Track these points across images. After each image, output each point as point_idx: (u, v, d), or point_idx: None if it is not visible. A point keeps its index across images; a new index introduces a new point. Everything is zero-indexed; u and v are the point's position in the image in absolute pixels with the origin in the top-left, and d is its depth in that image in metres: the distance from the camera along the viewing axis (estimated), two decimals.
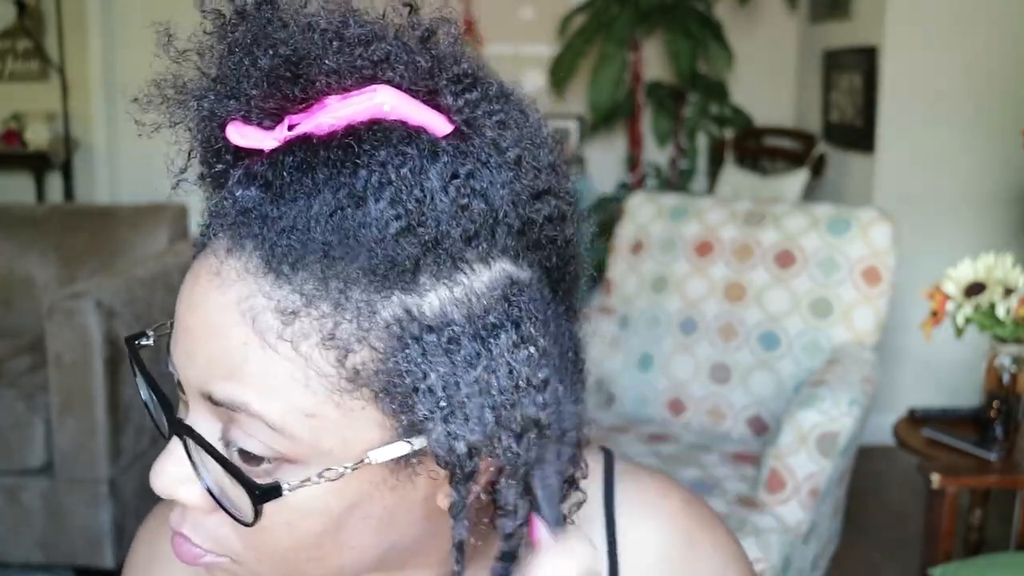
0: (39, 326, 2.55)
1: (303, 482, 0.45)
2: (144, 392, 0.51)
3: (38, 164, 4.34)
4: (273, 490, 0.45)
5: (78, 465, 2.35)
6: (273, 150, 0.46)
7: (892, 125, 3.32)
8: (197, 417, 0.47)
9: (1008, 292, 1.95)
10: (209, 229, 0.47)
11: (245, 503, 0.45)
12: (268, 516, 0.46)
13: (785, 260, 2.44)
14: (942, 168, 3.32)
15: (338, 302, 0.44)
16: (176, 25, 0.48)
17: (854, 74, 3.52)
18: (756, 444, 2.32)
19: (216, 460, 0.45)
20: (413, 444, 0.46)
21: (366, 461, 0.46)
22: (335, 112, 0.45)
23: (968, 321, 1.99)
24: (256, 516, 0.45)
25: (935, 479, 1.88)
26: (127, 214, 3.07)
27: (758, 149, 4.09)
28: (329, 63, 0.45)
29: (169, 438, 0.48)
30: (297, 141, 0.45)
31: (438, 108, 0.46)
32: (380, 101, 0.45)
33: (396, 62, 0.46)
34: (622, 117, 4.24)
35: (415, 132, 0.45)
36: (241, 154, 0.48)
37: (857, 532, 2.78)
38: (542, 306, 0.48)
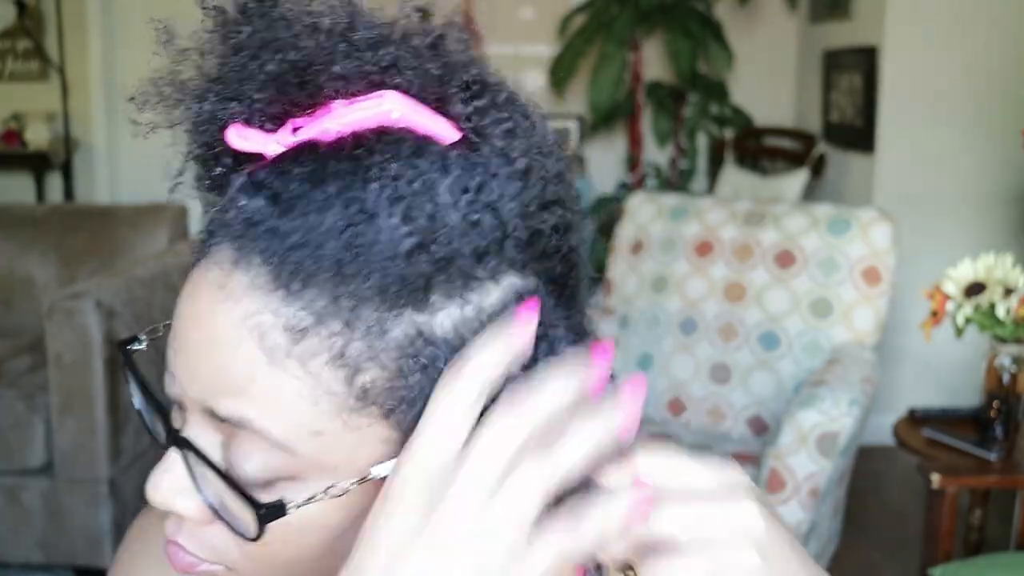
0: (39, 326, 2.55)
1: (308, 500, 0.44)
2: (137, 400, 0.50)
3: (38, 164, 4.34)
4: (278, 509, 0.44)
5: (78, 465, 2.35)
6: (278, 157, 0.44)
7: (892, 125, 3.32)
8: (196, 430, 0.46)
9: (1008, 292, 1.95)
10: (212, 237, 0.45)
11: (247, 517, 0.44)
12: (269, 531, 0.45)
13: (785, 260, 2.44)
14: (942, 168, 3.32)
15: (348, 320, 0.42)
16: (177, 24, 0.47)
17: (854, 74, 3.52)
18: (756, 444, 2.32)
19: (219, 476, 0.44)
20: None
21: (370, 476, 0.45)
22: (341, 118, 0.44)
23: (968, 321, 1.99)
24: (260, 533, 0.44)
25: (935, 479, 1.88)
26: (127, 214, 3.07)
27: (758, 149, 4.09)
28: (337, 68, 0.44)
29: (166, 448, 0.47)
30: (303, 149, 0.44)
31: (446, 115, 0.45)
32: (388, 108, 0.44)
33: (405, 67, 0.45)
34: (622, 117, 4.24)
35: (424, 142, 0.44)
36: (240, 158, 0.46)
37: (857, 532, 2.77)
38: (547, 315, 0.47)
